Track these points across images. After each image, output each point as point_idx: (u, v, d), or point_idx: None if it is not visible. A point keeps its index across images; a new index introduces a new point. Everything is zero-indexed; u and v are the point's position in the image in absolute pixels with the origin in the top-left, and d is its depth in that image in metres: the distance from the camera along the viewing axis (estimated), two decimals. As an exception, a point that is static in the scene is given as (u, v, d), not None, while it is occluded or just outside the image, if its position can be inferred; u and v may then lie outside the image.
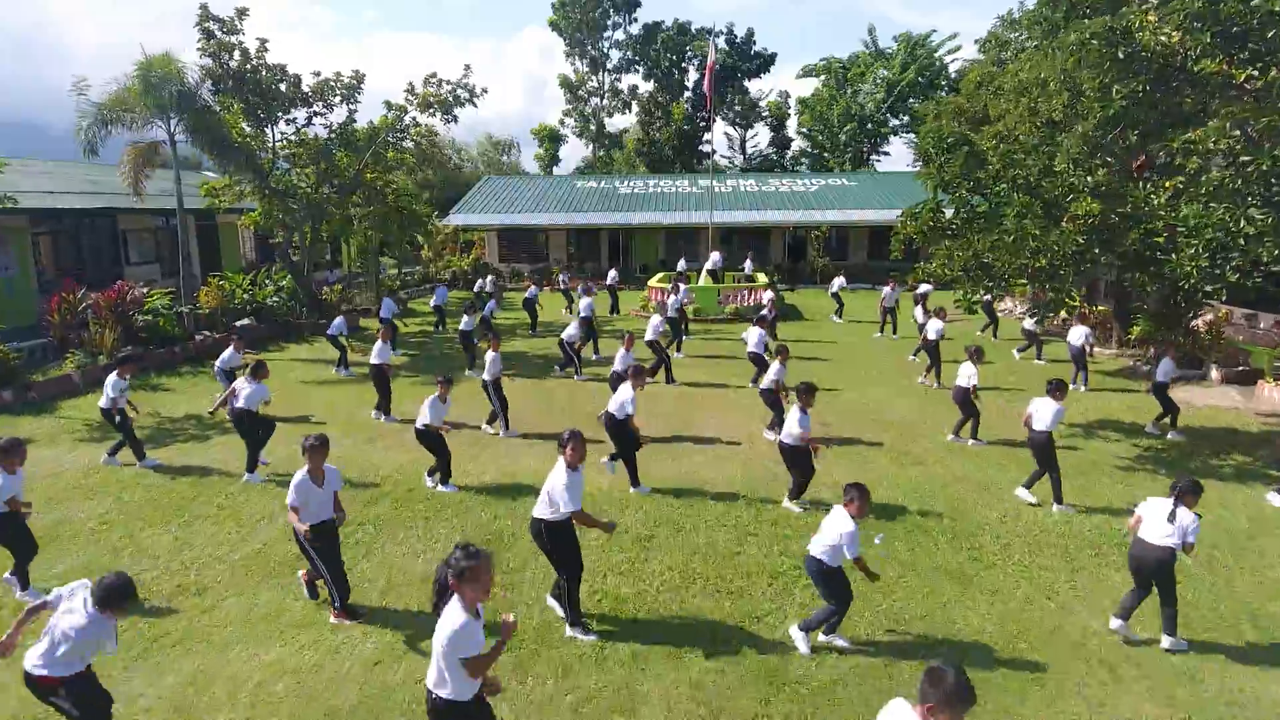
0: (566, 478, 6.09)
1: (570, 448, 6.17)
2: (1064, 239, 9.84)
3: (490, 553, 4.11)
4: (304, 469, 6.34)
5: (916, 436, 11.55)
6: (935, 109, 20.33)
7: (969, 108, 18.81)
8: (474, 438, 11.56)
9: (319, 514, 6.37)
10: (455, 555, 4.06)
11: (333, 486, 6.53)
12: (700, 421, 12.44)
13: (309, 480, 6.32)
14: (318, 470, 6.40)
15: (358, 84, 19.59)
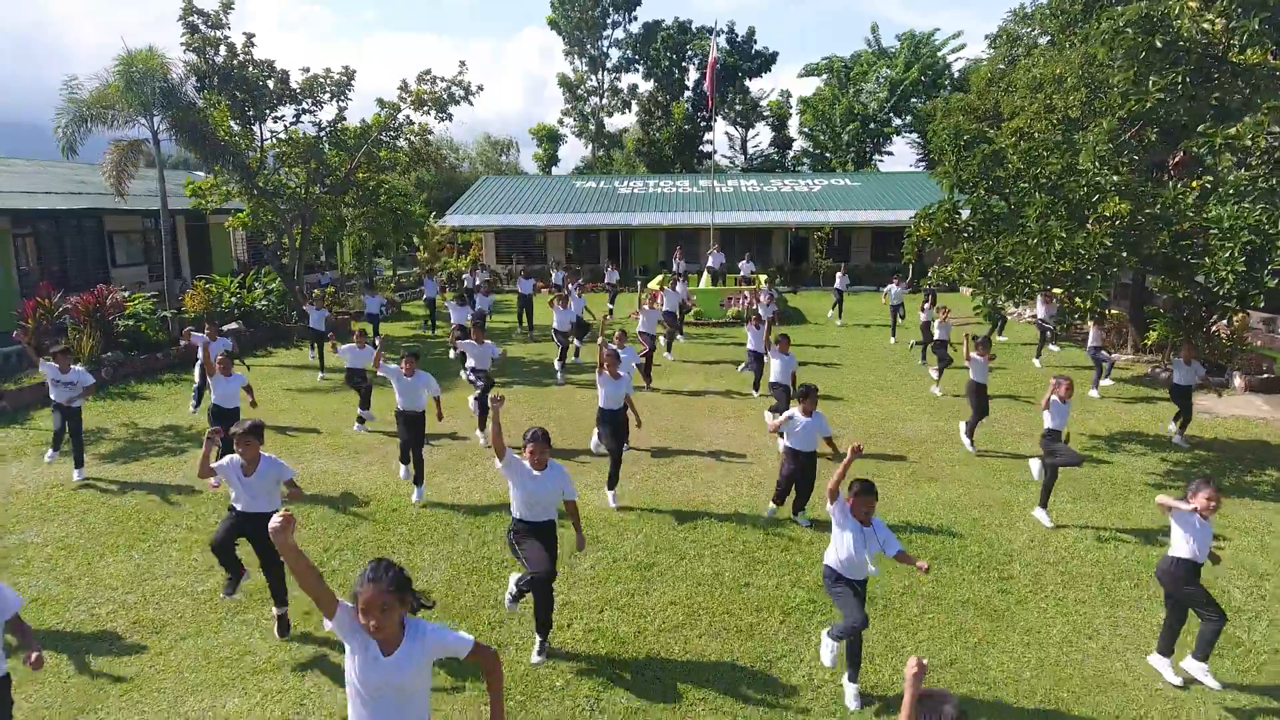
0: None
1: (529, 449, 5.65)
2: (1091, 241, 9.24)
3: (388, 576, 3.09)
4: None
5: (933, 451, 10.94)
6: (944, 107, 19.68)
7: (979, 105, 18.21)
8: (463, 451, 10.95)
9: (252, 505, 6.02)
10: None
11: (276, 477, 6.10)
12: (702, 432, 11.84)
13: (237, 467, 5.96)
14: (250, 461, 5.96)
15: (348, 80, 18.98)
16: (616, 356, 9.07)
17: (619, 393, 9.08)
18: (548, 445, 5.74)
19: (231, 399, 9.73)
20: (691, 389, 14.71)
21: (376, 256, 35.16)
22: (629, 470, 10.09)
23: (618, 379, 9.03)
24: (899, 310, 19.49)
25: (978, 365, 10.71)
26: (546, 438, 5.76)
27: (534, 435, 5.72)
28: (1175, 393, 11.16)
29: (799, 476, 8.21)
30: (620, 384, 9.08)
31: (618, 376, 9.01)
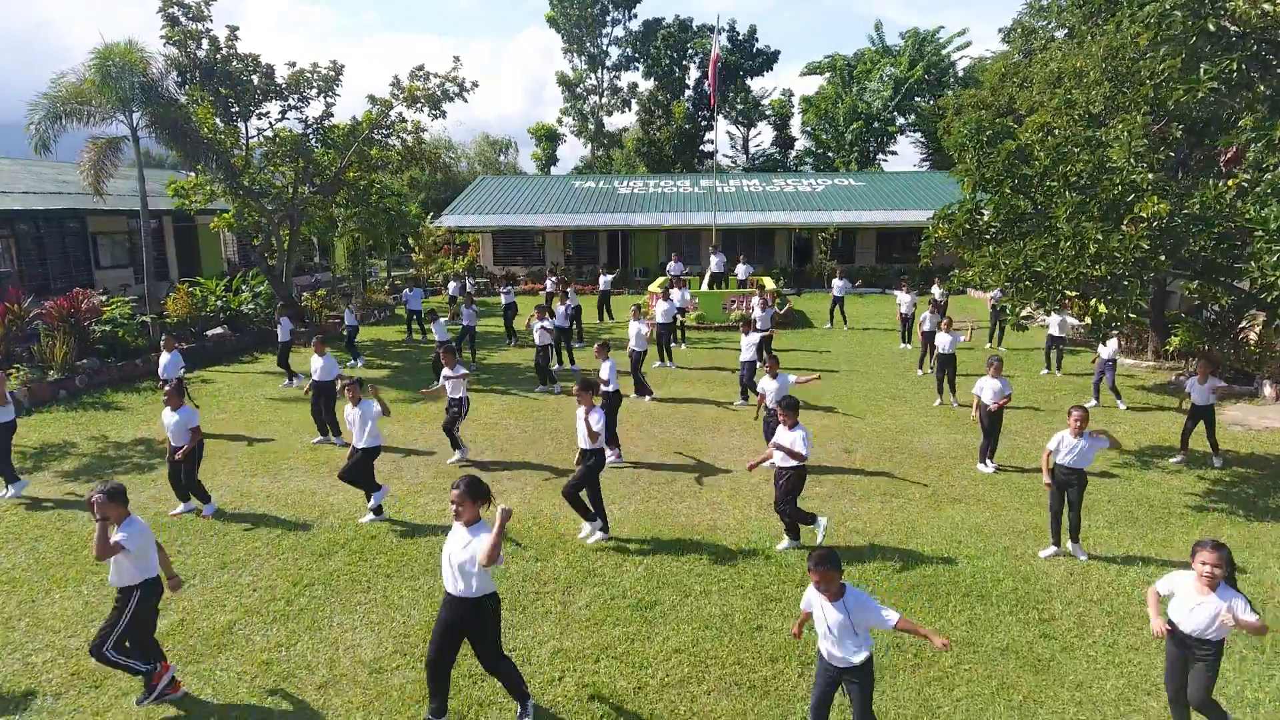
0: (466, 539, 4.82)
1: (455, 504, 4.87)
2: (1127, 244, 8.54)
3: None
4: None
5: (952, 467, 10.24)
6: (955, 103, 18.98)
7: (992, 101, 17.52)
8: (454, 471, 10.23)
9: (116, 577, 5.19)
10: None
11: (135, 544, 5.10)
12: (706, 446, 11.14)
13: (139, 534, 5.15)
14: (111, 521, 5.06)
15: (336, 76, 18.26)
16: (587, 385, 8.03)
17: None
18: (470, 499, 4.88)
19: (179, 435, 8.39)
20: (693, 398, 14.00)
21: (371, 258, 34.40)
22: (628, 490, 9.39)
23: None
24: (910, 320, 18.74)
25: (991, 389, 9.95)
26: (473, 489, 4.91)
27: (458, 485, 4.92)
28: (1197, 413, 10.40)
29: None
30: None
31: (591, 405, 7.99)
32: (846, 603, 4.35)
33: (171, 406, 8.37)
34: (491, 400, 13.92)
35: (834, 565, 4.36)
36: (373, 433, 8.51)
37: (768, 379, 9.92)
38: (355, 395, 8.57)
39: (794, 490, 7.50)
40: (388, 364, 17.58)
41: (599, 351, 10.91)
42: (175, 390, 8.47)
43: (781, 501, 7.55)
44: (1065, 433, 7.45)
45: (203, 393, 14.66)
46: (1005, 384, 10.04)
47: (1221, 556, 4.41)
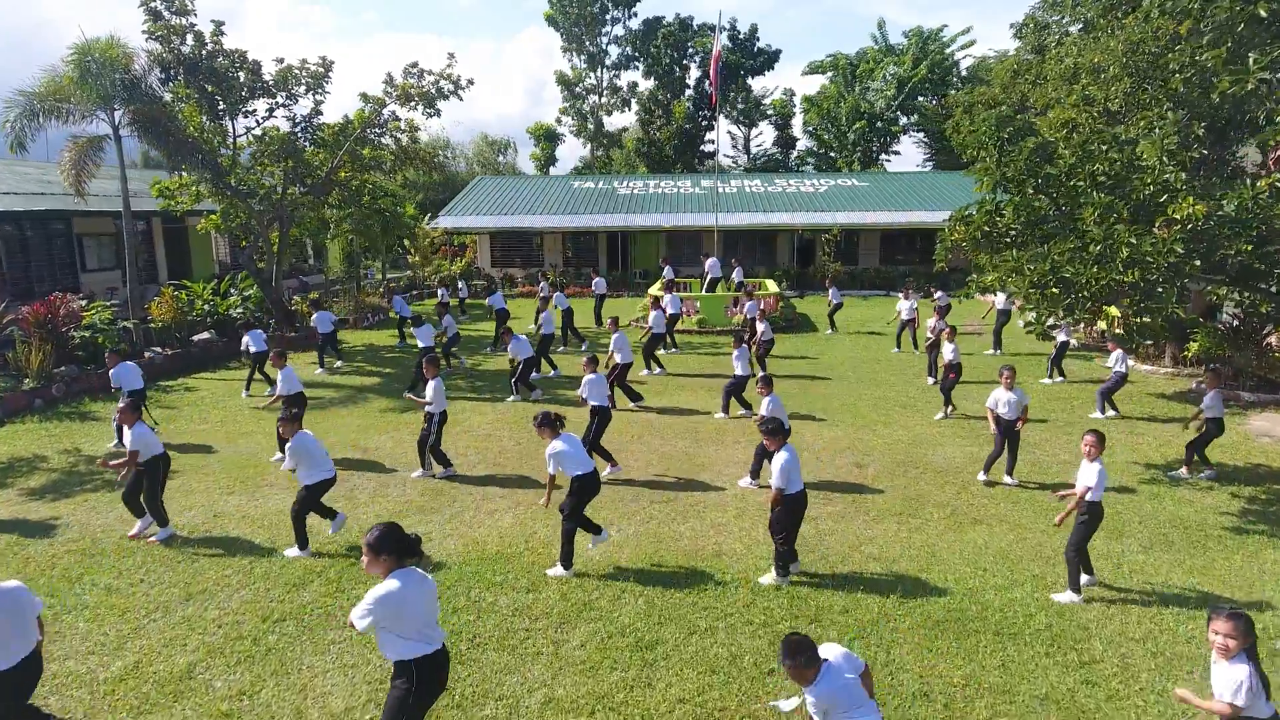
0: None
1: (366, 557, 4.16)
2: (1160, 248, 7.98)
3: None
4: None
5: (970, 483, 9.67)
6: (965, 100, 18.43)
7: (1004, 98, 16.97)
8: (440, 487, 9.67)
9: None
10: None
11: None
12: (709, 460, 10.57)
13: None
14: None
15: (325, 72, 17.68)
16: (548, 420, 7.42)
17: None
18: (376, 553, 4.15)
19: (146, 448, 7.80)
20: (694, 408, 13.43)
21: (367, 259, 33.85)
22: (628, 509, 8.83)
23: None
24: (911, 325, 18.16)
25: (1007, 401, 9.39)
26: (381, 544, 4.16)
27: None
28: (1216, 426, 9.86)
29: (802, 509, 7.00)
30: None
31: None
32: (817, 691, 3.86)
33: (126, 424, 7.80)
34: (485, 410, 13.35)
35: (802, 657, 3.86)
36: (312, 465, 7.53)
37: (764, 400, 9.43)
38: (287, 432, 7.50)
39: (781, 521, 6.88)
40: (378, 370, 17.00)
41: (587, 365, 10.40)
42: (128, 407, 7.90)
43: (771, 526, 6.99)
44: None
45: (185, 401, 14.11)
46: (1021, 395, 9.49)
47: (1236, 627, 3.84)
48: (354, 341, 20.60)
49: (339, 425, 12.46)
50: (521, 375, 13.90)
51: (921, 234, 32.93)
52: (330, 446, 11.24)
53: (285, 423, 7.52)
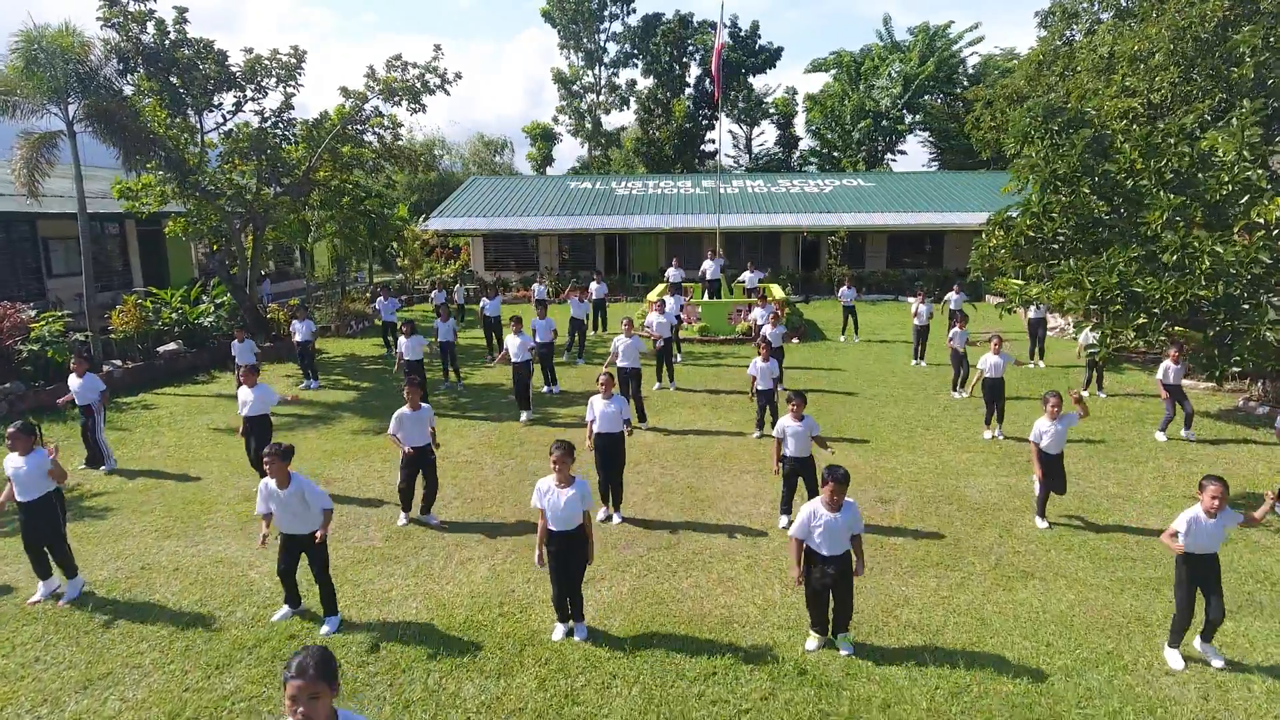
0: None
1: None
2: (1244, 258, 6.80)
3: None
4: None
5: (1013, 524, 8.47)
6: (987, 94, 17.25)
7: (1030, 91, 15.78)
8: (404, 532, 8.46)
9: None
10: None
11: None
12: (716, 494, 9.37)
13: None
14: None
15: (298, 63, 16.48)
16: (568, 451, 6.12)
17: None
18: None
19: (28, 485, 6.65)
20: (698, 429, 12.24)
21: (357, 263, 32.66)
22: (621, 559, 7.63)
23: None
24: (926, 333, 16.95)
25: (1053, 435, 8.20)
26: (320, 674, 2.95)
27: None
28: None
29: (835, 587, 5.78)
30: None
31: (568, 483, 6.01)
32: None
33: (19, 450, 6.63)
34: (466, 431, 12.16)
35: None
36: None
37: (790, 419, 8.16)
38: (274, 472, 6.10)
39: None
40: (358, 385, 15.81)
41: (604, 386, 8.61)
42: (20, 430, 6.70)
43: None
44: (1197, 511, 5.65)
45: (140, 421, 12.92)
46: (1070, 418, 8.31)
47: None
48: (334, 351, 19.42)
49: (304, 450, 11.25)
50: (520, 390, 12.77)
51: (930, 236, 31.80)
52: (290, 477, 10.13)
53: (272, 459, 6.12)
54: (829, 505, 5.64)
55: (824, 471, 5.74)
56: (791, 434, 8.08)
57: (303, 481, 6.13)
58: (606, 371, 8.67)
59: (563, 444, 5.97)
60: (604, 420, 8.44)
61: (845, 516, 5.69)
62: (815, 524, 5.66)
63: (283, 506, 6.09)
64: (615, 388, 8.63)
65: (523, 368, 12.67)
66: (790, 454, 8.14)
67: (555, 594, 6.16)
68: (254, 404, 9.32)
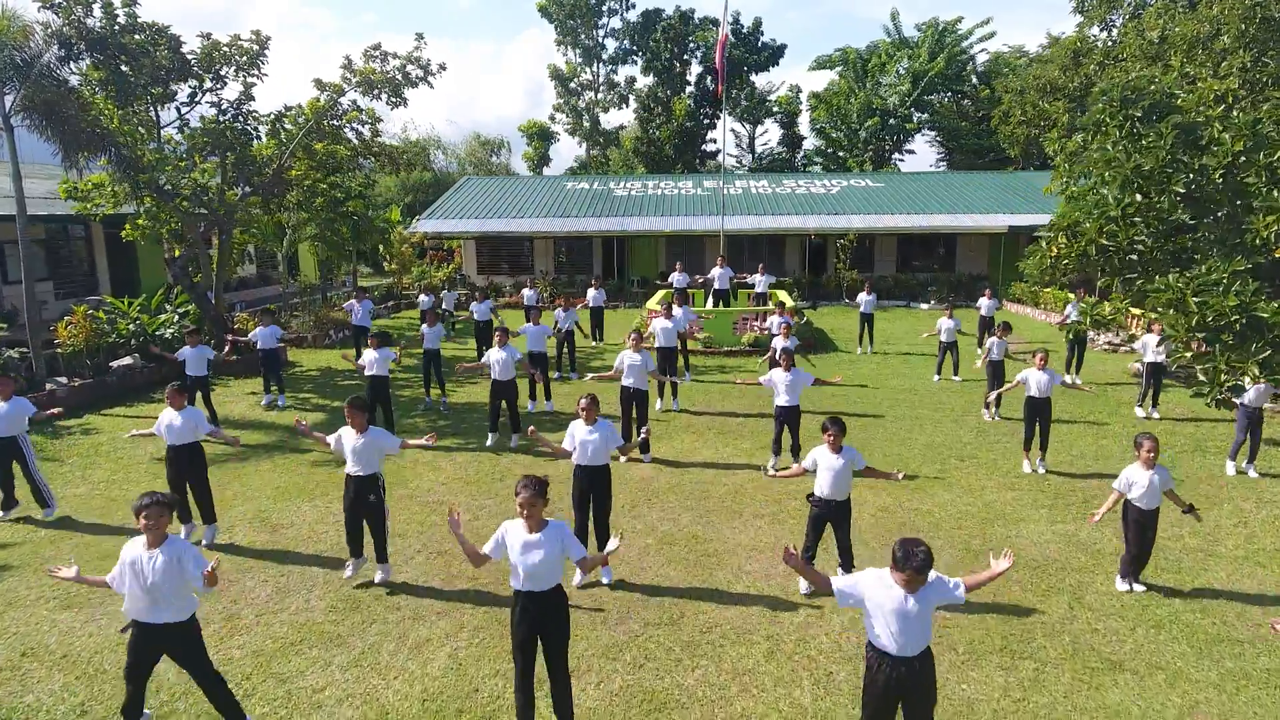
0: None
1: None
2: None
3: None
4: None
5: (1084, 589, 7.06)
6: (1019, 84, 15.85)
7: (1065, 82, 14.38)
8: (352, 601, 7.05)
9: None
10: None
11: None
12: (725, 547, 7.96)
13: None
14: None
15: (260, 50, 15.08)
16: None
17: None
18: None
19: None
20: (703, 460, 10.84)
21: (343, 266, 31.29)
22: (612, 642, 6.22)
23: None
24: (954, 349, 15.48)
25: (1145, 485, 6.76)
26: None
27: None
28: None
29: (905, 691, 4.38)
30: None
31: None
32: None
33: None
34: (440, 463, 10.75)
35: None
36: None
37: (826, 450, 6.73)
38: (156, 533, 4.67)
39: None
40: (329, 403, 14.40)
41: (586, 409, 7.17)
42: None
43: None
44: None
45: (75, 449, 11.51)
46: (1165, 475, 6.86)
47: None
48: (308, 364, 18.02)
49: (252, 485, 9.87)
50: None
51: (942, 239, 30.45)
52: (230, 522, 8.73)
53: (153, 513, 4.63)
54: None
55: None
56: (827, 469, 6.67)
57: (182, 548, 4.69)
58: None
59: (532, 482, 4.61)
60: (586, 451, 7.03)
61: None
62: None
63: (139, 577, 4.58)
64: (600, 411, 7.19)
65: (506, 387, 11.25)
66: (825, 495, 6.74)
67: (520, 690, 4.81)
68: (181, 430, 7.92)
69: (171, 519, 4.71)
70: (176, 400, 7.89)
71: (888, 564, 4.29)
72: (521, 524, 4.65)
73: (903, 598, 4.13)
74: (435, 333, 13.56)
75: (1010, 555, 4.50)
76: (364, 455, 6.92)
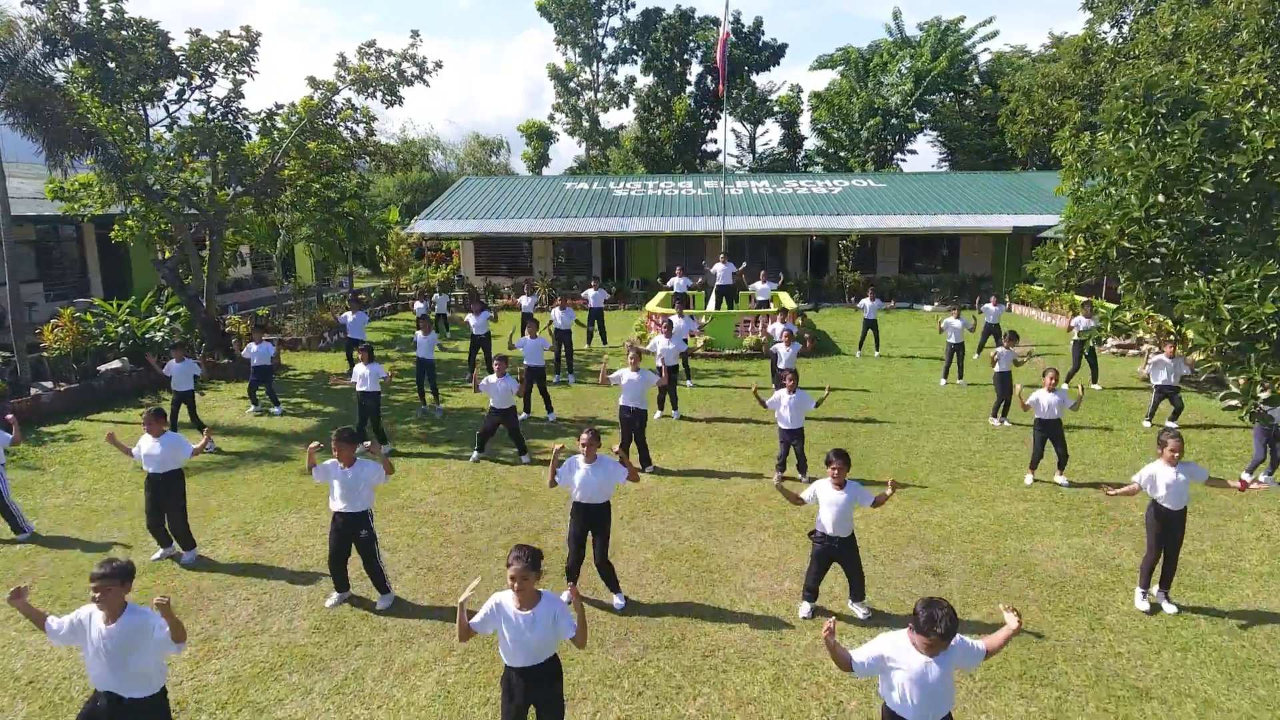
0: None
1: None
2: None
3: None
4: None
5: (1104, 608, 6.73)
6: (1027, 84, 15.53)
7: (1074, 80, 14.06)
8: (338, 621, 6.71)
9: None
10: None
11: None
12: (727, 563, 7.63)
13: None
14: None
15: (250, 46, 14.74)
16: None
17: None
18: None
19: None
20: (704, 468, 10.51)
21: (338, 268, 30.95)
22: (610, 664, 5.89)
23: None
24: (960, 351, 15.17)
25: (1177, 484, 6.43)
26: None
27: None
28: None
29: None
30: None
31: None
32: None
33: None
34: (434, 472, 10.42)
35: None
36: None
37: (829, 485, 6.36)
38: (112, 605, 4.19)
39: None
40: (321, 409, 14.07)
41: (587, 446, 6.56)
42: None
43: None
44: None
45: (58, 457, 11.18)
46: (1196, 470, 6.54)
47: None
48: (302, 367, 17.68)
49: (239, 496, 9.54)
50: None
51: (945, 240, 30.09)
52: (213, 535, 8.40)
53: (105, 586, 4.14)
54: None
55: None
56: (829, 505, 6.31)
57: (141, 618, 4.24)
58: (591, 429, 6.67)
59: (525, 554, 4.21)
60: (587, 489, 6.63)
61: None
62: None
63: (98, 653, 4.15)
64: (600, 448, 6.74)
65: (506, 415, 10.73)
66: (828, 532, 6.37)
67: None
68: (160, 458, 7.57)
69: (130, 588, 4.31)
70: (154, 427, 7.52)
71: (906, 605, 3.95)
72: (512, 597, 4.26)
73: (923, 663, 3.78)
74: (429, 341, 13.17)
75: (1015, 613, 4.14)
76: (352, 490, 6.56)
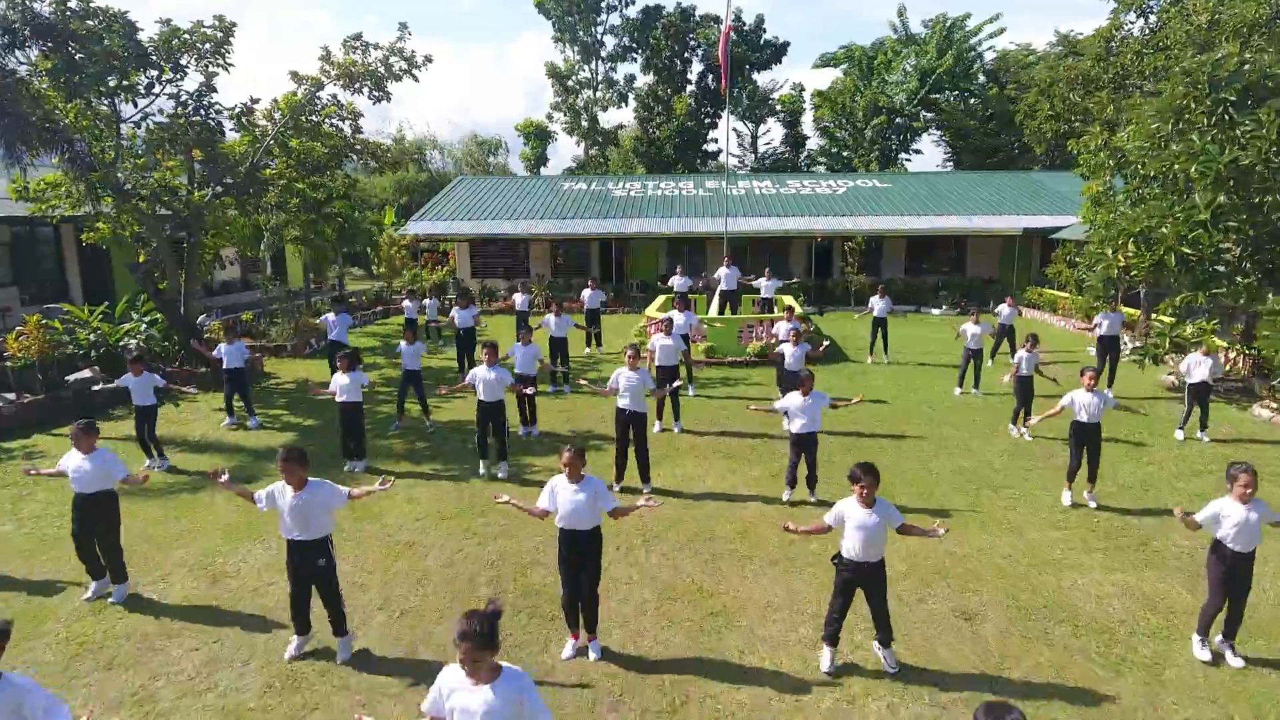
0: None
1: None
2: None
3: None
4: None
5: (1161, 664, 5.95)
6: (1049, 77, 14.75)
7: (1099, 74, 13.28)
8: (293, 677, 5.92)
9: None
10: None
11: None
12: (735, 602, 6.85)
13: None
14: None
15: (225, 37, 13.95)
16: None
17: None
18: None
19: None
20: (708, 490, 9.72)
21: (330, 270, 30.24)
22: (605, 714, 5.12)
23: None
24: (977, 357, 14.37)
25: (1248, 525, 5.69)
26: None
27: None
28: None
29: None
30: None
31: None
32: None
33: None
34: (415, 493, 9.63)
35: None
36: None
37: (855, 503, 5.56)
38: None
39: None
40: (301, 422, 13.29)
41: (570, 464, 5.78)
42: None
43: None
44: None
45: (11, 478, 10.39)
46: (1266, 510, 5.81)
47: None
48: (285, 375, 16.91)
49: (200, 523, 8.76)
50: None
51: (953, 241, 29.34)
52: (168, 569, 7.62)
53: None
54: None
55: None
56: (858, 528, 5.51)
57: (31, 694, 3.53)
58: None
59: (473, 631, 3.36)
60: (573, 515, 5.85)
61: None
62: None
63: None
64: (586, 466, 5.98)
65: (494, 410, 10.04)
66: (854, 558, 5.58)
67: None
68: (90, 476, 6.80)
69: (4, 650, 3.57)
70: (84, 442, 6.75)
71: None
72: (462, 674, 3.48)
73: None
74: (415, 351, 12.29)
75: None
76: (304, 517, 5.77)
